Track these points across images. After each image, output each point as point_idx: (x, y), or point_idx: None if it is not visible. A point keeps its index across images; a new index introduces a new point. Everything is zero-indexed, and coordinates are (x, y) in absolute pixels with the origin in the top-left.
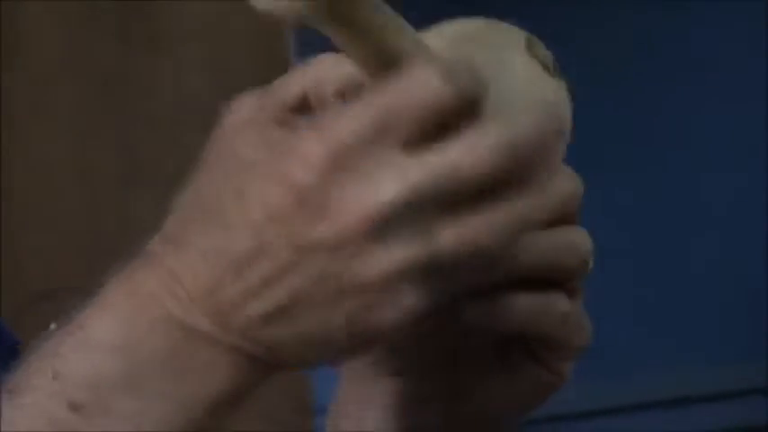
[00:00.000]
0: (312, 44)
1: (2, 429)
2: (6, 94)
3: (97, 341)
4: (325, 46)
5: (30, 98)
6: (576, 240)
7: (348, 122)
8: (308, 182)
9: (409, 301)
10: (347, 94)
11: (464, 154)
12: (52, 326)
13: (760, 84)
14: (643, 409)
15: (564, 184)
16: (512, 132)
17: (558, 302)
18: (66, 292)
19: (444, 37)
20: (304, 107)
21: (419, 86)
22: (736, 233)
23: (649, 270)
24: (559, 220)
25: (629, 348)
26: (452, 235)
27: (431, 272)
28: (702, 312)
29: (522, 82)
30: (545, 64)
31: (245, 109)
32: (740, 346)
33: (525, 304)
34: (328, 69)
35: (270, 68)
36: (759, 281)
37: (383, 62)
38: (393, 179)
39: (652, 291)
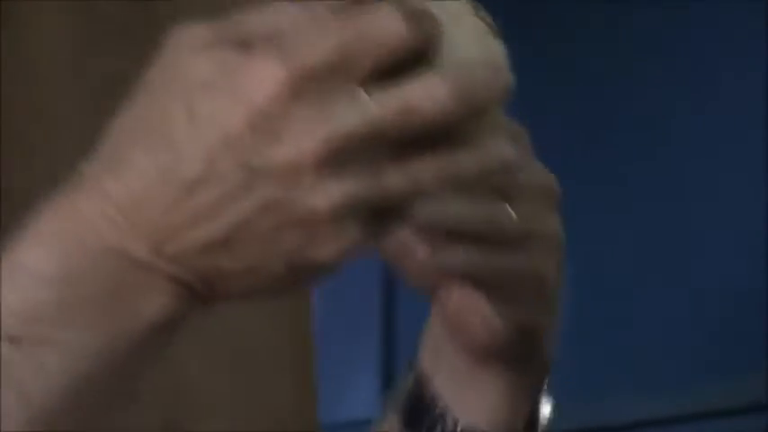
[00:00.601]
0: None
1: None
2: (5, 96)
3: (33, 272)
4: None
5: (29, 100)
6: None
7: (311, 49)
8: (265, 105)
9: (350, 235)
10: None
11: (422, 94)
12: None
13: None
14: (643, 427)
15: (506, 149)
16: (467, 80)
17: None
18: None
19: None
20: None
21: (382, 23)
22: (736, 249)
23: (648, 285)
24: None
25: (627, 366)
26: (400, 176)
27: (375, 209)
28: (701, 328)
29: (474, 38)
30: (489, 26)
31: (197, 33)
32: (740, 361)
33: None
34: (288, 14)
35: None
36: (759, 295)
37: None
38: (351, 111)
39: (651, 306)
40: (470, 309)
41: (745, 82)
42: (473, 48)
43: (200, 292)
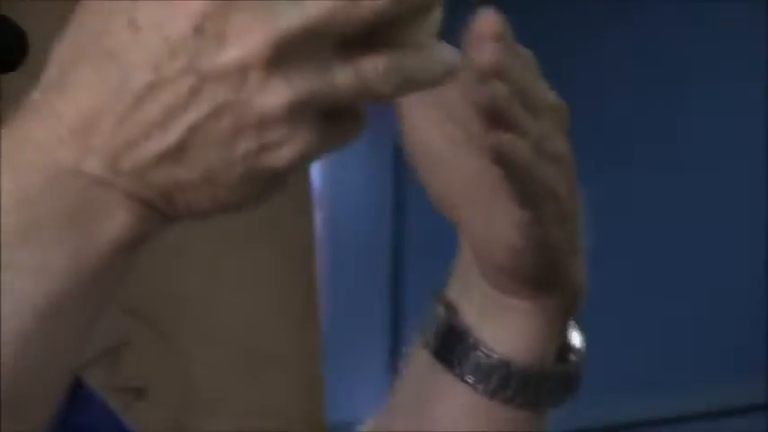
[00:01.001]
0: None
1: None
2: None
3: None
4: None
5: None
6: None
7: None
8: (206, 8)
9: (305, 137)
10: None
11: None
12: None
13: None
14: (643, 426)
15: (450, 54)
16: None
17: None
18: None
19: None
20: None
21: None
22: (736, 250)
23: (648, 286)
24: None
25: (626, 367)
26: (348, 73)
27: (324, 108)
28: (702, 329)
29: None
30: None
31: None
32: (740, 362)
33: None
34: None
35: None
36: (759, 298)
37: None
38: (293, 9)
39: (652, 309)
40: (493, 232)
41: (745, 82)
42: None
43: (160, 207)
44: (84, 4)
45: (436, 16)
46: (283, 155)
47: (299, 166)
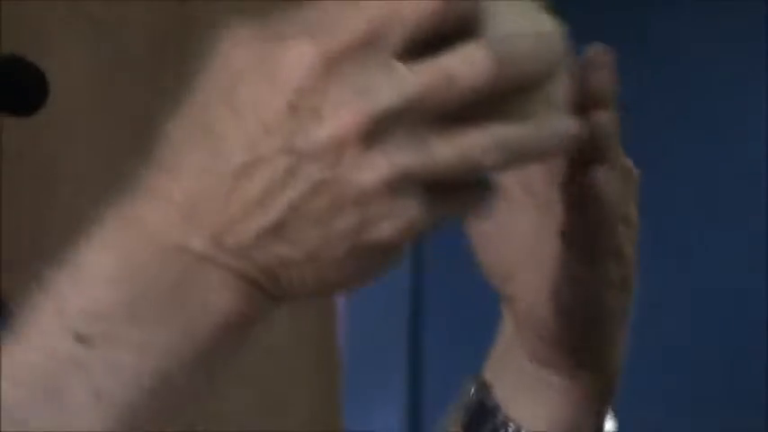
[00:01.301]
0: None
1: (4, 368)
2: (34, 139)
3: (97, 275)
4: None
5: (57, 144)
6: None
7: (342, 27)
8: (300, 85)
9: (407, 212)
10: None
11: (460, 63)
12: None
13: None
14: None
15: (563, 124)
16: (509, 50)
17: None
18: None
19: None
20: None
21: None
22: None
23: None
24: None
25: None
26: (447, 147)
27: (427, 182)
28: (702, 332)
29: (522, 12)
30: (542, 6)
31: (237, 33)
32: (740, 361)
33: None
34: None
35: None
36: (759, 299)
37: None
38: (388, 84)
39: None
40: (544, 297)
41: (745, 82)
42: (520, 21)
43: (265, 286)
44: (199, 89)
45: (557, 86)
46: (385, 229)
47: (406, 240)
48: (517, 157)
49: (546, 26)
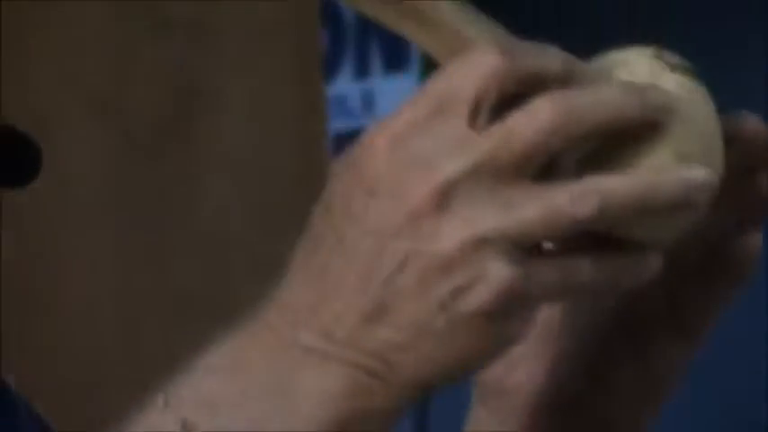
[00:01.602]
0: None
1: None
2: (41, 223)
3: (208, 365)
4: None
5: (65, 227)
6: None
7: (409, 105)
8: (376, 171)
9: (498, 273)
10: None
11: (520, 118)
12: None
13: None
14: None
15: (686, 172)
16: (575, 100)
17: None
18: None
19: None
20: None
21: (476, 63)
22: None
23: None
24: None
25: None
26: (530, 205)
27: (513, 242)
28: (702, 366)
29: (629, 74)
30: (671, 65)
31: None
32: (740, 363)
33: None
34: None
35: (309, 205)
36: (759, 302)
37: (454, 49)
38: (456, 151)
39: None
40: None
41: (745, 82)
42: (613, 75)
43: (381, 374)
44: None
45: (676, 140)
46: (479, 295)
47: (508, 304)
48: (622, 208)
49: (661, 81)
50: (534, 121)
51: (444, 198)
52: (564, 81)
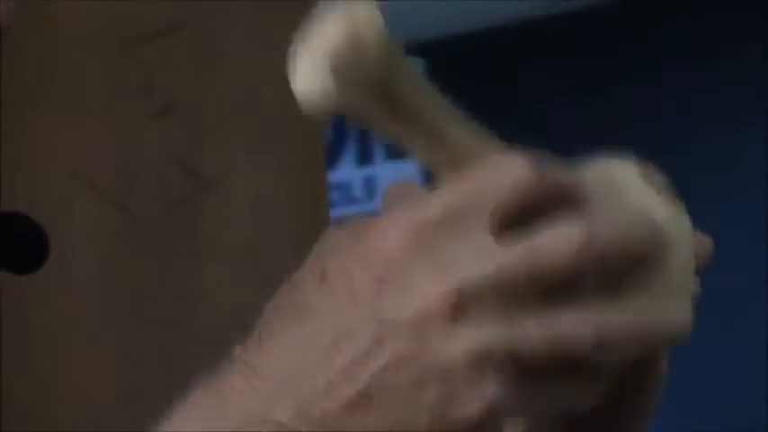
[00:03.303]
0: None
1: None
2: (44, 310)
3: None
4: None
5: (69, 312)
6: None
7: (434, 201)
8: (389, 258)
9: (490, 390)
10: None
11: (549, 241)
12: None
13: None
14: None
15: (673, 313)
16: (599, 230)
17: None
18: None
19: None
20: None
21: (504, 172)
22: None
23: None
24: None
25: None
26: (537, 327)
27: (513, 361)
28: (701, 334)
29: (628, 197)
30: (658, 189)
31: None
32: (741, 365)
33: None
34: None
35: None
36: (759, 302)
37: (447, 155)
38: (477, 261)
39: None
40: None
41: (745, 82)
42: (622, 204)
43: None
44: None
45: (677, 268)
46: (468, 406)
47: (490, 420)
48: (617, 346)
49: (656, 210)
50: (561, 247)
51: (456, 305)
52: (581, 200)
